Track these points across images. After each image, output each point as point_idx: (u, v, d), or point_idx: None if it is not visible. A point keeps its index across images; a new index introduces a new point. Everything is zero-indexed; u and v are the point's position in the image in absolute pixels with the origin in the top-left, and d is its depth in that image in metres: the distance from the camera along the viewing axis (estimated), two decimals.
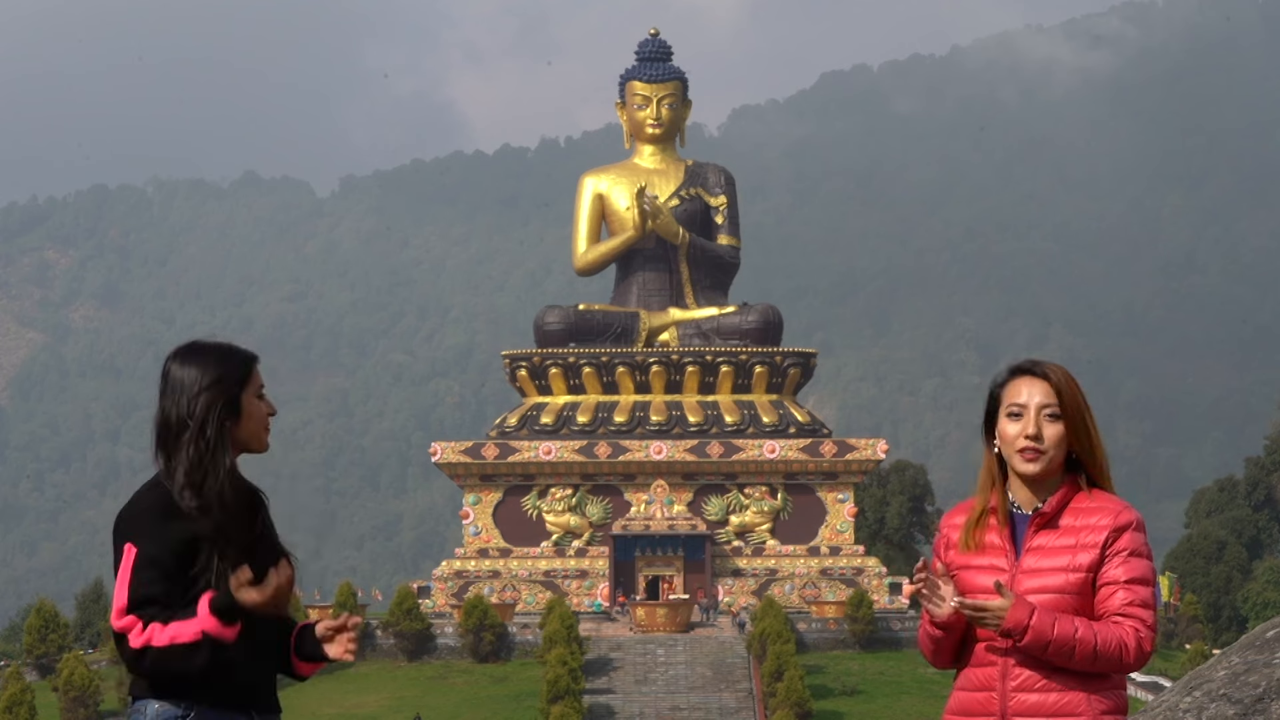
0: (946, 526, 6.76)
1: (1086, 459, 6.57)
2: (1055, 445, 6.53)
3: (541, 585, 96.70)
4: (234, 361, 6.63)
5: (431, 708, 79.14)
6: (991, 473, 6.66)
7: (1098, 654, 6.36)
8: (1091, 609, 6.48)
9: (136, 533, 6.40)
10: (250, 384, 6.62)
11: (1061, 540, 6.50)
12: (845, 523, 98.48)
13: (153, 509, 6.45)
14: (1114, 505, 6.55)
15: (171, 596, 6.35)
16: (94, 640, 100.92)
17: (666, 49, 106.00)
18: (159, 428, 6.61)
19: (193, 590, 6.37)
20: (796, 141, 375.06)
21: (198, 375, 6.59)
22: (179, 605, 6.35)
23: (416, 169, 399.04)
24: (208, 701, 6.41)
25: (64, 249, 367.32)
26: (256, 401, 6.63)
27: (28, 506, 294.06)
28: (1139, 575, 6.46)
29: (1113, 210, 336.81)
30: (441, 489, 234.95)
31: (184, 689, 6.39)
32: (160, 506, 6.45)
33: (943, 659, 6.67)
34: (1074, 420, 6.54)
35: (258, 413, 6.62)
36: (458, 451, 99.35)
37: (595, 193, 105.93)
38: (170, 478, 6.48)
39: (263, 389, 6.66)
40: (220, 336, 6.84)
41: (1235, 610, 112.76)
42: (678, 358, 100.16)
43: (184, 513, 6.42)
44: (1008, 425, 6.59)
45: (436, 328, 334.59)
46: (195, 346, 6.67)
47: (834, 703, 79.73)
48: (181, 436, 6.54)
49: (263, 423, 6.64)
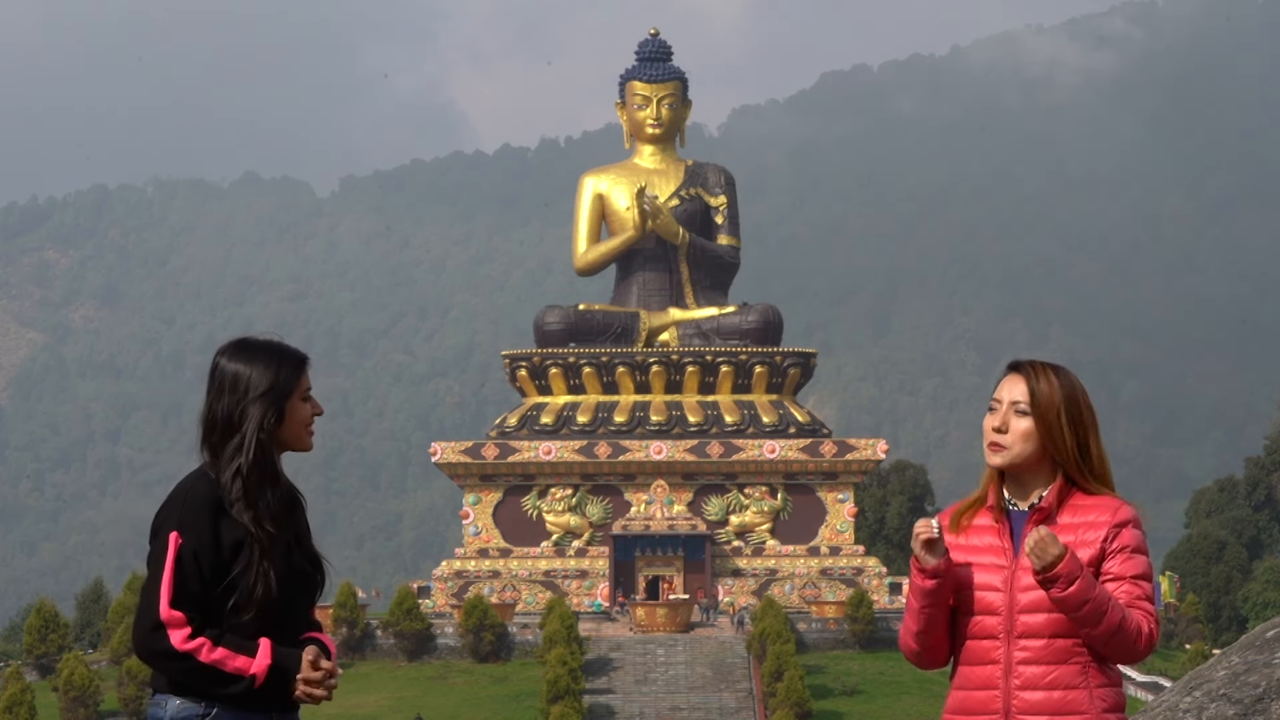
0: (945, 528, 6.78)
1: (1064, 460, 6.56)
2: (1020, 440, 6.55)
3: (541, 585, 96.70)
4: (286, 367, 6.60)
5: (431, 708, 79.15)
6: (993, 470, 6.70)
7: (1122, 628, 6.40)
8: None
9: (182, 524, 6.40)
10: (299, 388, 6.62)
11: (1060, 536, 6.51)
12: (845, 523, 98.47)
13: (200, 503, 6.44)
14: (1112, 501, 6.57)
15: (210, 596, 6.37)
16: (94, 640, 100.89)
17: (666, 49, 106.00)
18: (205, 425, 6.56)
19: (233, 591, 6.39)
20: (796, 141, 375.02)
21: (248, 379, 6.55)
22: (215, 605, 6.38)
23: (416, 169, 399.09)
24: (227, 702, 6.43)
25: (64, 249, 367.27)
26: (301, 404, 6.61)
27: (28, 506, 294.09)
28: (1141, 571, 6.50)
29: (1113, 210, 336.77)
30: (441, 489, 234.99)
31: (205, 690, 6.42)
32: (207, 502, 6.45)
33: (930, 652, 6.65)
34: (1045, 419, 6.53)
35: (303, 415, 6.62)
36: (458, 451, 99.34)
37: (595, 193, 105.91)
38: (217, 475, 6.47)
39: (309, 391, 6.65)
40: (272, 333, 6.77)
41: (1235, 610, 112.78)
42: (678, 358, 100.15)
43: (230, 511, 6.44)
44: (986, 419, 6.65)
45: (436, 328, 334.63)
46: (246, 345, 6.61)
47: (834, 703, 79.75)
48: (229, 440, 6.52)
49: (306, 424, 6.64)
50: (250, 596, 6.38)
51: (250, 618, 6.39)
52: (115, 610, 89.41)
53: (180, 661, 6.33)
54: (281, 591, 6.44)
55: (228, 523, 6.42)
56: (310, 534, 6.66)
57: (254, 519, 6.43)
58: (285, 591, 6.46)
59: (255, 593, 6.38)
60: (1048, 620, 6.49)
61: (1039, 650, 6.50)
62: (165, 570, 6.33)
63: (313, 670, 6.39)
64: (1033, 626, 6.50)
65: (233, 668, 6.33)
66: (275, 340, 6.67)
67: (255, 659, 6.33)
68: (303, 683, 6.41)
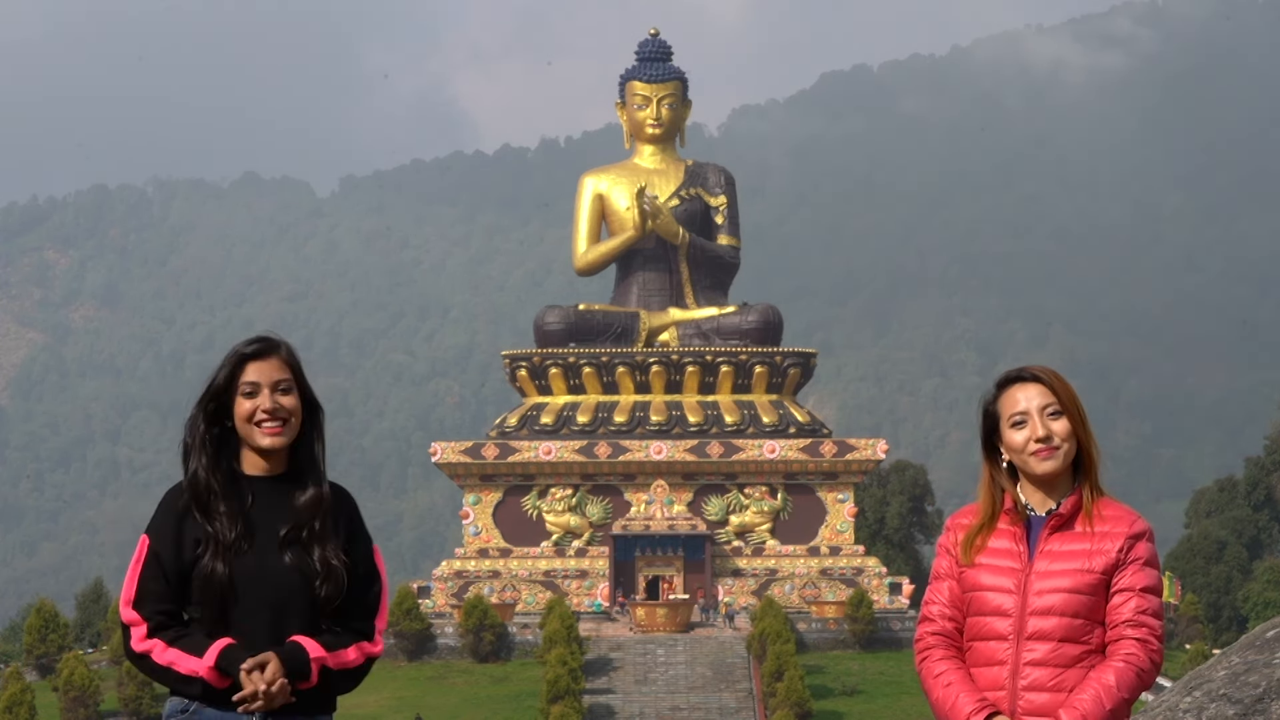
0: (955, 526, 6.78)
1: (1087, 458, 6.63)
2: (1066, 439, 6.60)
3: (541, 585, 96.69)
4: (225, 365, 6.62)
5: (431, 708, 79.16)
6: (994, 484, 6.71)
7: (1129, 700, 6.49)
8: (1100, 610, 6.54)
9: (151, 527, 6.51)
10: (236, 384, 6.59)
11: (1077, 544, 6.55)
12: (845, 523, 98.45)
13: (169, 506, 6.54)
14: (1129, 513, 6.64)
15: (173, 594, 6.44)
16: (94, 640, 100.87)
17: (666, 49, 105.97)
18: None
19: (190, 583, 6.45)
20: (797, 141, 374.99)
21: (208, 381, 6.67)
22: (180, 601, 6.45)
23: (416, 169, 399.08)
24: (210, 700, 6.44)
25: (64, 249, 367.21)
26: (243, 401, 6.59)
27: (28, 506, 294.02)
28: (1152, 584, 6.56)
29: (1113, 210, 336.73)
30: (441, 489, 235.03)
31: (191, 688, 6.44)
32: (174, 506, 6.53)
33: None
34: (1073, 415, 6.61)
35: (243, 412, 6.59)
36: (458, 451, 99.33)
37: (595, 193, 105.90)
38: (186, 459, 6.59)
39: (255, 384, 6.58)
40: (271, 330, 6.85)
41: (1235, 610, 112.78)
42: (678, 358, 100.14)
43: (194, 514, 6.48)
44: (1014, 434, 6.64)
45: (436, 328, 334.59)
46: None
47: (834, 703, 79.75)
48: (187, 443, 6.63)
49: (248, 419, 6.58)
50: (201, 593, 6.42)
51: (205, 615, 6.42)
52: (115, 610, 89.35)
53: (140, 661, 6.41)
54: (251, 590, 6.43)
55: (191, 524, 6.48)
56: (332, 536, 6.60)
57: (206, 519, 6.46)
58: (258, 590, 6.45)
59: (206, 590, 6.41)
60: (1058, 624, 6.53)
61: (1047, 653, 6.53)
62: (129, 572, 6.44)
63: (246, 677, 6.34)
64: (1043, 630, 6.54)
65: (185, 669, 6.36)
66: (252, 336, 6.70)
67: (202, 659, 6.34)
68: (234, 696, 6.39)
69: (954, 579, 6.72)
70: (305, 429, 6.67)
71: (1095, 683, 6.44)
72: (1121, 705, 6.43)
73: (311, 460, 6.66)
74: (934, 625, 6.74)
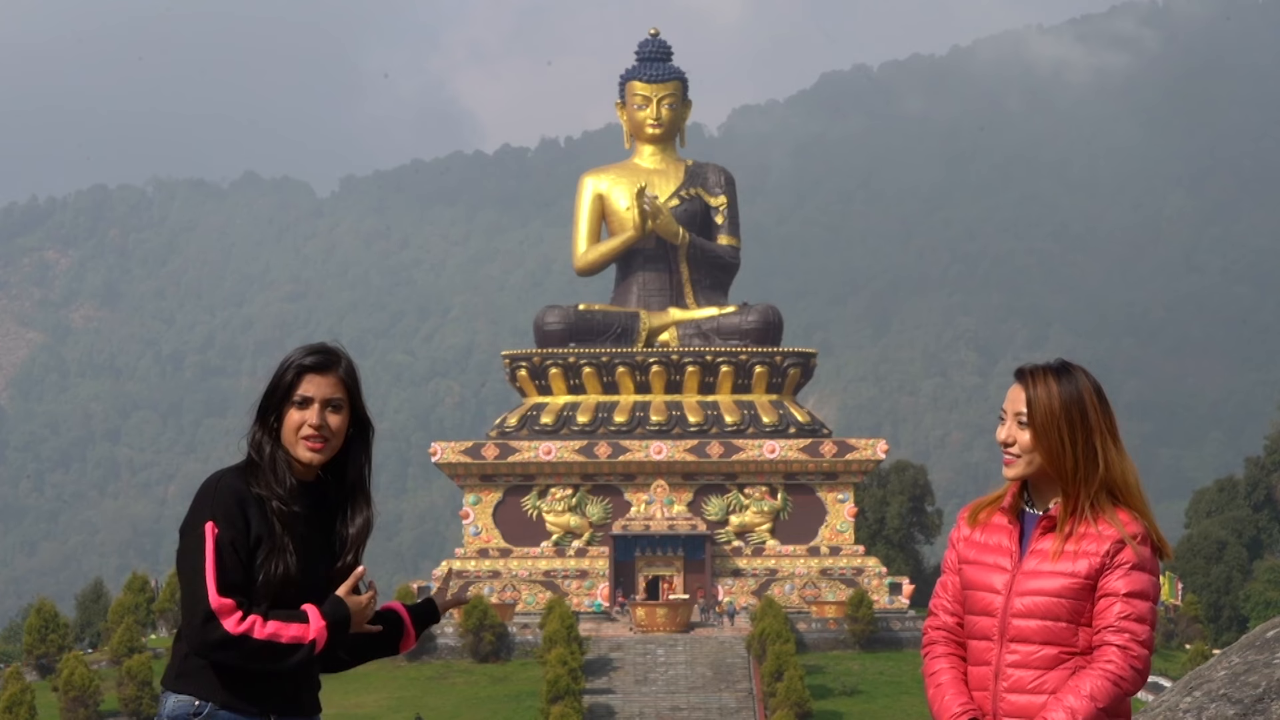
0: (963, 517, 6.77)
1: (1061, 473, 6.51)
2: (1028, 452, 6.52)
3: (541, 585, 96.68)
4: (287, 371, 6.67)
5: (431, 708, 79.15)
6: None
7: (1106, 710, 6.38)
8: (1086, 613, 6.46)
9: (215, 515, 6.50)
10: (291, 394, 6.65)
11: (1065, 546, 6.49)
12: (845, 523, 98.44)
13: (229, 494, 6.55)
14: (1123, 517, 6.52)
15: (250, 584, 6.51)
16: (94, 640, 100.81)
17: (666, 49, 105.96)
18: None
19: (255, 582, 6.53)
20: (797, 141, 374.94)
21: (271, 379, 6.72)
22: (249, 589, 6.51)
23: (416, 169, 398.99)
24: (220, 700, 6.46)
25: (64, 249, 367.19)
26: (293, 412, 6.64)
27: (28, 506, 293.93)
28: (1138, 589, 6.43)
29: (1113, 210, 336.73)
30: (441, 489, 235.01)
31: (208, 687, 6.46)
32: (235, 493, 6.56)
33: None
34: (1043, 429, 6.49)
35: (291, 423, 6.65)
36: (458, 451, 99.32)
37: (595, 193, 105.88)
38: (254, 471, 6.60)
39: (308, 398, 6.63)
40: (332, 339, 6.88)
41: (1235, 610, 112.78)
42: (678, 358, 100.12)
43: (259, 505, 6.55)
44: (997, 430, 6.62)
45: (436, 328, 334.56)
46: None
47: (834, 703, 79.74)
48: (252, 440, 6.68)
49: (296, 431, 6.64)
50: (270, 581, 6.50)
51: (270, 603, 6.51)
52: (115, 610, 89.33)
53: (237, 646, 6.41)
54: (303, 575, 6.57)
55: (254, 512, 6.52)
56: (351, 538, 6.80)
57: (273, 510, 6.56)
58: (298, 592, 6.58)
59: (275, 577, 6.51)
60: (1040, 627, 6.46)
61: (1028, 655, 6.47)
62: (206, 561, 6.43)
63: (359, 598, 6.62)
64: (1024, 631, 6.48)
65: (290, 637, 6.45)
66: (314, 344, 6.75)
67: (310, 624, 6.47)
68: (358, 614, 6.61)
69: (956, 573, 6.70)
70: (354, 448, 6.72)
71: (1071, 692, 6.36)
72: (1096, 715, 6.33)
73: (361, 481, 6.78)
74: (937, 620, 6.72)
